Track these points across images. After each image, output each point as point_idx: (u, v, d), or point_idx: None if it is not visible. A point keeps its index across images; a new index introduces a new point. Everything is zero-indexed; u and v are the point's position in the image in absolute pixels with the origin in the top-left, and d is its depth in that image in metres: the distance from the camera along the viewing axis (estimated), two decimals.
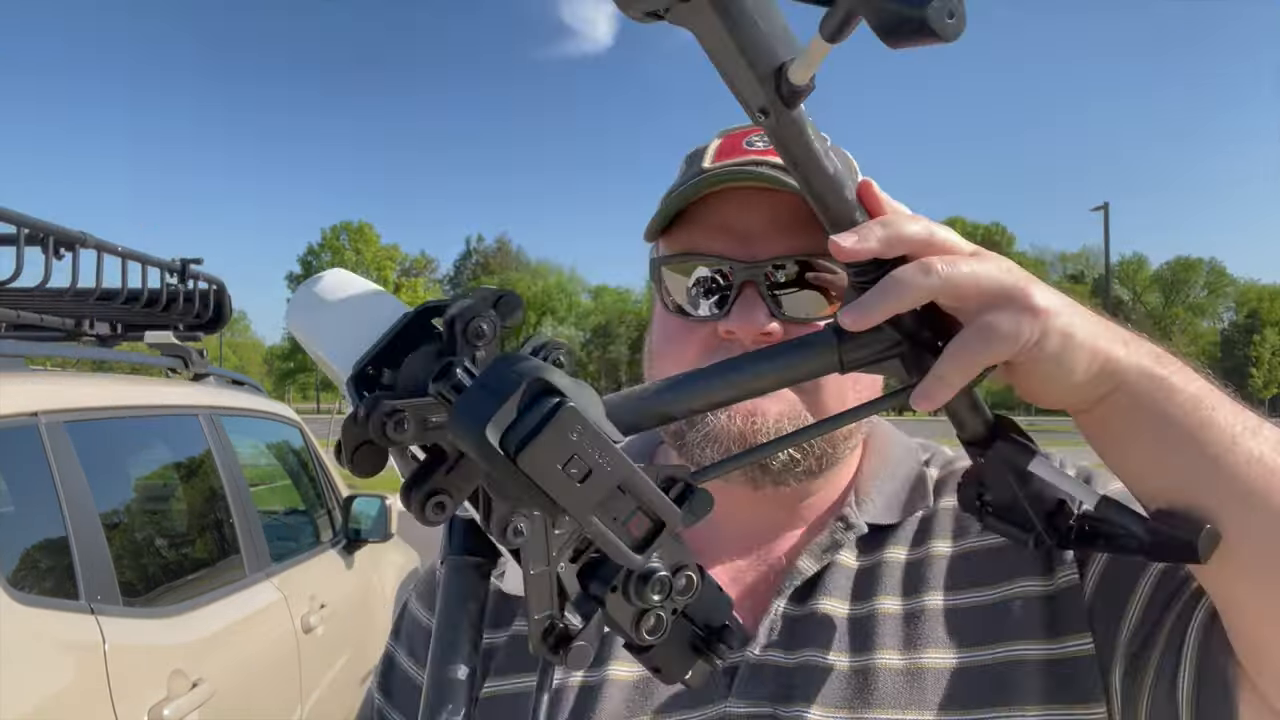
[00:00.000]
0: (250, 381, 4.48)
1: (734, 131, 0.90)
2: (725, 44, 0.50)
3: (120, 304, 3.31)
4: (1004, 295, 0.57)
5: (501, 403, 0.42)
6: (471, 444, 0.43)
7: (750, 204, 0.83)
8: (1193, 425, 0.61)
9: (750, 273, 0.82)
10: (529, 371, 0.44)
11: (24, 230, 2.72)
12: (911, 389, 0.61)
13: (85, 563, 2.48)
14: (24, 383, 2.60)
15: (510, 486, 0.43)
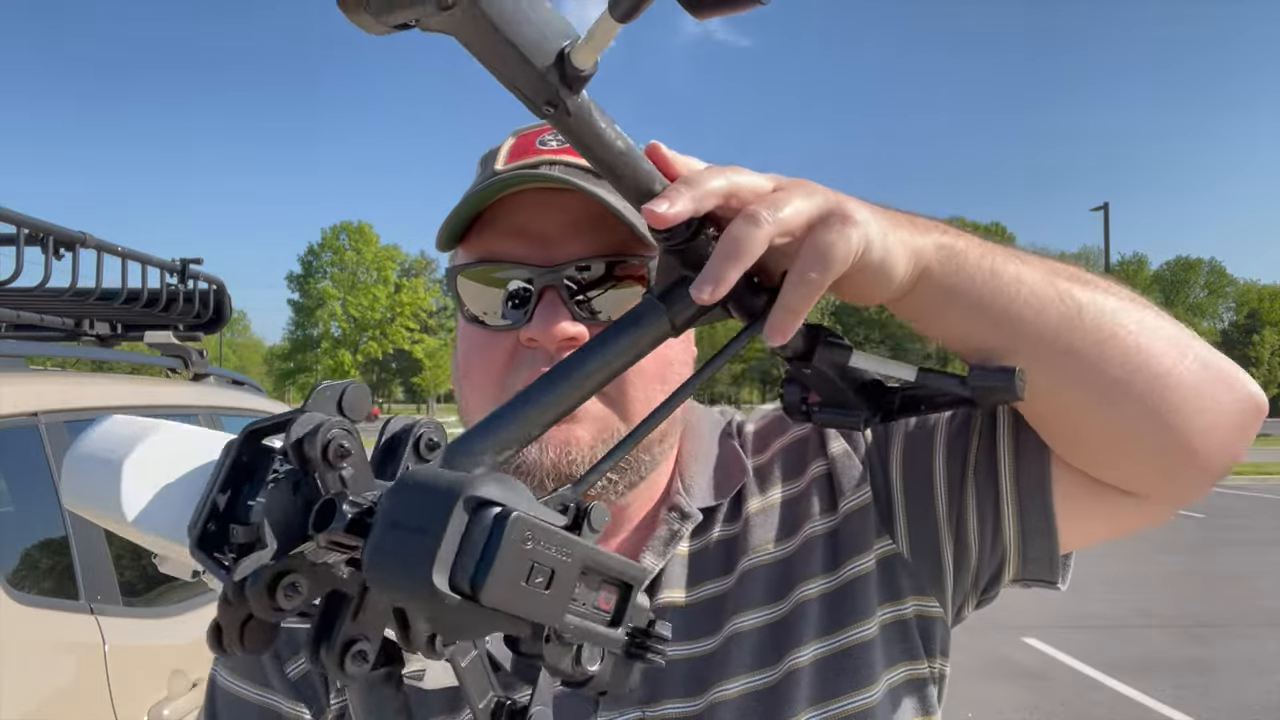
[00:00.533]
0: (250, 381, 4.48)
1: (528, 130, 0.86)
2: (498, 43, 0.47)
3: (120, 304, 3.31)
4: (825, 217, 0.60)
5: (436, 540, 0.37)
6: (416, 596, 0.37)
7: (546, 206, 0.80)
8: (985, 281, 0.68)
9: (550, 277, 0.79)
10: (455, 489, 0.38)
11: (24, 230, 2.72)
12: (750, 329, 0.62)
13: (85, 563, 2.48)
14: (24, 383, 2.60)
15: (469, 624, 0.39)
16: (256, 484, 0.45)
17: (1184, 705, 5.53)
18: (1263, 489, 18.26)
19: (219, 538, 0.44)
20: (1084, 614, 7.69)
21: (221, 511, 0.44)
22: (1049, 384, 0.70)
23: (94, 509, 0.48)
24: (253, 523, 0.44)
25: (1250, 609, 7.88)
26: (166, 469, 0.48)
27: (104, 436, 0.50)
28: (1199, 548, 11.10)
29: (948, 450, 0.84)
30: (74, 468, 0.50)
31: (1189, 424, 0.71)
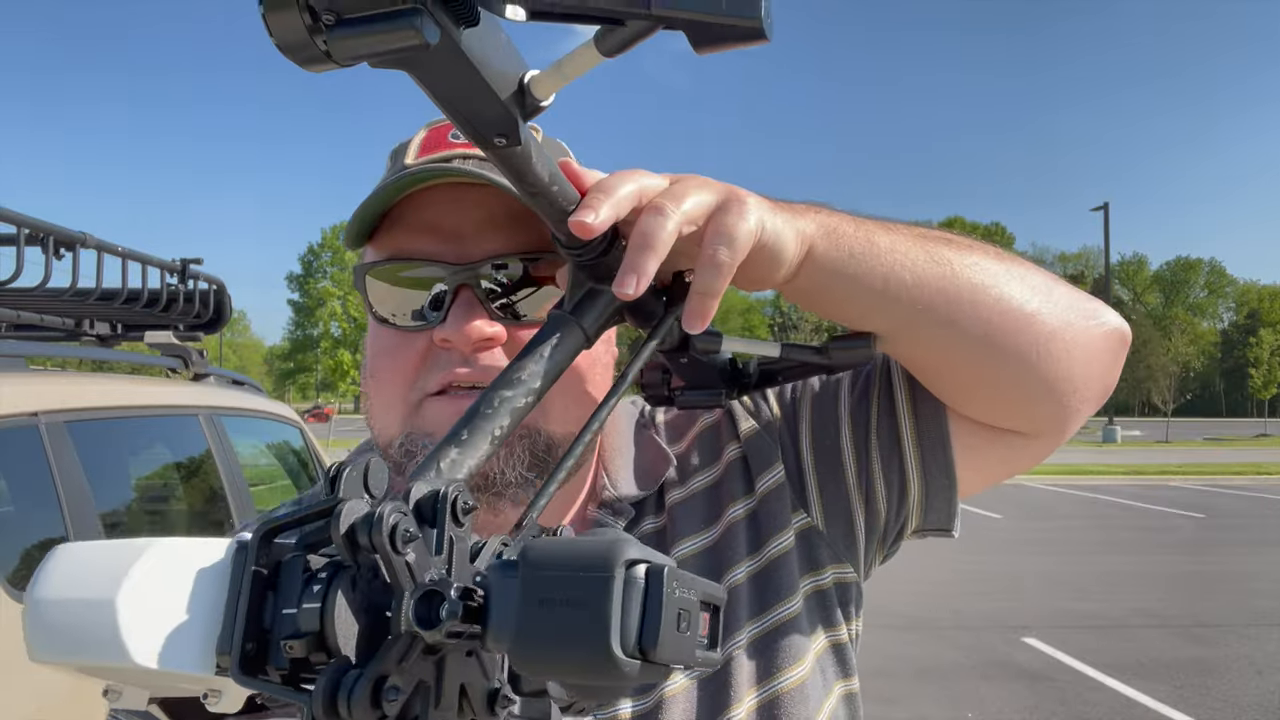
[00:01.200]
0: (250, 381, 4.48)
1: (439, 123, 0.83)
2: (468, 79, 0.45)
3: (120, 304, 3.31)
4: (724, 204, 0.64)
5: (604, 610, 0.37)
6: (592, 668, 0.37)
7: (460, 201, 0.78)
8: (864, 252, 0.72)
9: (464, 275, 0.76)
10: (607, 555, 0.38)
11: (24, 230, 2.72)
12: (662, 324, 0.66)
13: None
14: (24, 383, 2.60)
15: (624, 687, 0.40)
16: (289, 589, 0.41)
17: (1184, 705, 5.53)
18: (1263, 489, 18.25)
19: (259, 658, 0.40)
20: (1084, 614, 7.69)
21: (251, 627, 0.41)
22: (934, 341, 0.76)
23: (83, 658, 0.41)
24: (305, 631, 0.40)
25: (1250, 609, 7.88)
26: (164, 593, 0.41)
27: (70, 573, 0.42)
28: (1199, 548, 11.09)
29: (851, 420, 0.86)
30: (47, 617, 0.41)
31: (1063, 359, 0.76)
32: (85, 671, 0.43)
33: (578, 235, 0.59)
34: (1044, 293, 0.77)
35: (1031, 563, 10.01)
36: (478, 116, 0.48)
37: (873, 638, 6.86)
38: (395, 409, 0.78)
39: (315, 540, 0.42)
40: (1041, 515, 14.19)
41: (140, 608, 0.40)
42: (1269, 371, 51.47)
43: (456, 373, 0.76)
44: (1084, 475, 20.63)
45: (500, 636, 0.39)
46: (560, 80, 0.49)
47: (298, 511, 0.43)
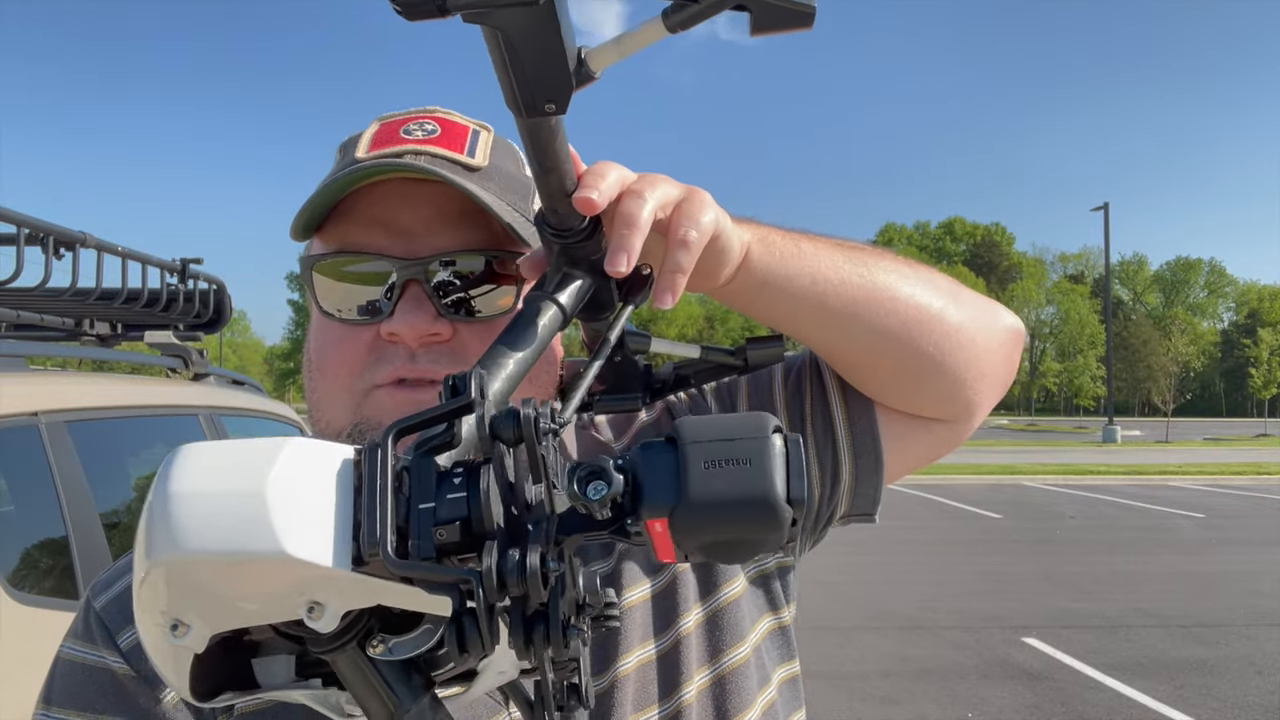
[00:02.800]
0: (250, 381, 4.48)
1: (392, 118, 0.83)
2: (548, 41, 0.48)
3: (120, 304, 3.31)
4: (689, 195, 0.70)
5: (766, 466, 0.44)
6: (762, 518, 0.44)
7: (411, 197, 0.78)
8: (793, 259, 0.78)
9: (412, 270, 0.76)
10: (760, 424, 0.45)
11: (24, 230, 2.72)
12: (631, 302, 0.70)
13: (85, 563, 2.48)
14: (24, 383, 2.60)
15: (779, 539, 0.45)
16: (423, 486, 0.43)
17: (1184, 705, 5.53)
18: (1263, 489, 18.24)
19: (400, 550, 0.42)
20: (1084, 614, 7.69)
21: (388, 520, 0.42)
22: (857, 338, 0.81)
23: (229, 548, 0.40)
24: (453, 519, 0.42)
25: (1250, 609, 7.88)
26: (304, 488, 0.42)
27: (207, 468, 0.43)
28: (1199, 548, 11.09)
29: (787, 410, 0.91)
30: (188, 509, 0.41)
31: (968, 351, 0.84)
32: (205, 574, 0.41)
33: (581, 211, 0.63)
34: (949, 294, 0.84)
35: (1031, 563, 10.01)
36: (539, 80, 0.50)
37: (873, 638, 6.87)
38: (342, 399, 0.78)
39: (436, 446, 0.45)
40: (1041, 515, 14.19)
41: (286, 500, 0.41)
42: (1269, 371, 51.50)
43: (403, 368, 0.76)
44: (1084, 475, 20.62)
45: (657, 503, 0.44)
46: (618, 54, 0.51)
47: (430, 411, 0.45)
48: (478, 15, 0.46)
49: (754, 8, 0.49)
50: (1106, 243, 40.09)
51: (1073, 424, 60.83)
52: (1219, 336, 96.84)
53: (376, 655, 0.45)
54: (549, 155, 0.58)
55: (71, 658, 0.79)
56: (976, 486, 18.25)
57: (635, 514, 0.45)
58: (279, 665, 0.48)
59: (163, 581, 0.42)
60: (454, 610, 0.42)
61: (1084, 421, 65.01)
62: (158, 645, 0.44)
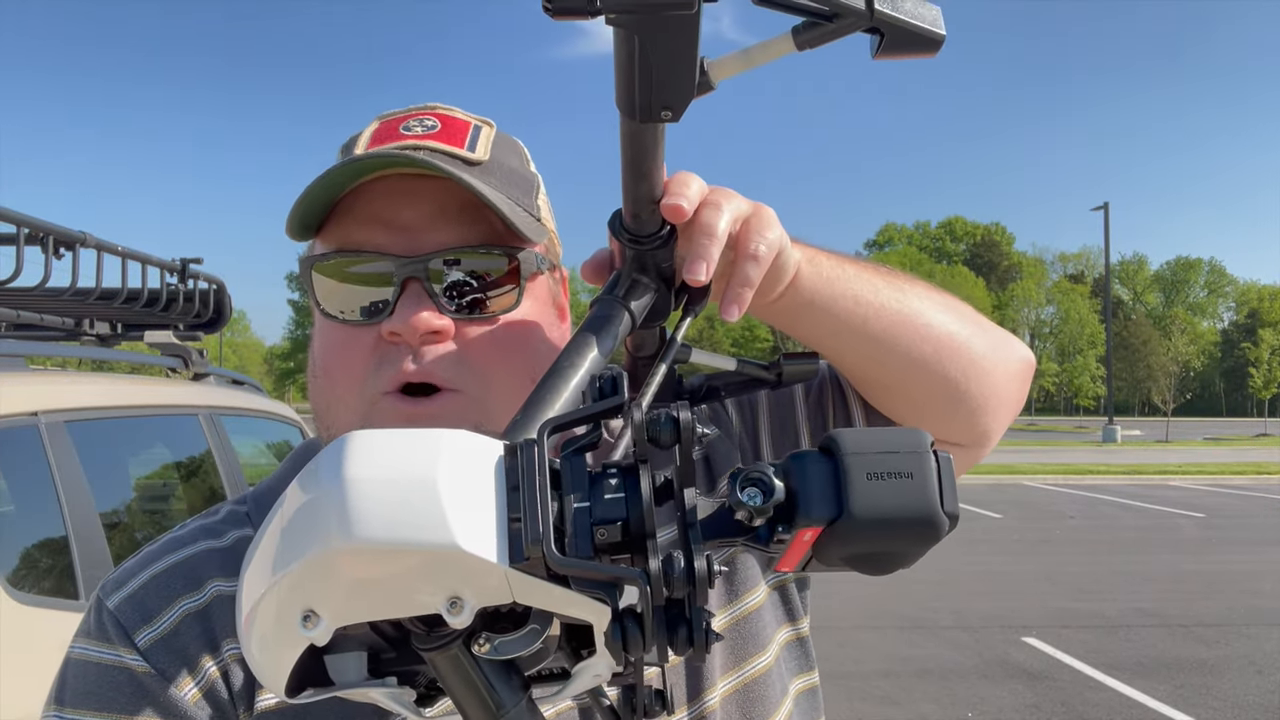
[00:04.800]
0: (250, 381, 4.48)
1: (392, 116, 0.82)
2: (687, 47, 0.48)
3: (120, 304, 3.31)
4: (757, 211, 0.72)
5: (927, 481, 0.45)
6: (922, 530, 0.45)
7: (411, 193, 0.76)
8: (837, 281, 0.79)
9: (413, 268, 0.74)
10: (919, 440, 0.46)
11: (24, 230, 2.72)
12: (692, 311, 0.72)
13: (85, 563, 2.48)
14: (24, 383, 2.60)
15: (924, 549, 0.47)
16: (576, 484, 0.44)
17: (1184, 705, 5.53)
18: (1263, 489, 18.24)
19: (560, 547, 0.42)
20: (1084, 614, 7.69)
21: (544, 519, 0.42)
22: (891, 361, 0.83)
23: (403, 541, 0.40)
24: (614, 519, 0.43)
25: (1250, 609, 7.88)
26: (466, 482, 0.42)
27: (379, 455, 0.42)
28: (1199, 548, 11.09)
29: (809, 424, 0.92)
30: (368, 496, 0.41)
31: (989, 379, 0.86)
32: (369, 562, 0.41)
33: (671, 219, 0.65)
34: (974, 323, 0.87)
35: (1031, 563, 10.01)
36: (663, 86, 0.50)
37: (873, 638, 6.87)
38: (349, 407, 0.77)
39: (585, 445, 0.46)
40: (1041, 515, 14.19)
41: (456, 492, 0.42)
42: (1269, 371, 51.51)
43: (405, 370, 0.74)
44: (1084, 475, 20.62)
45: (817, 513, 0.45)
46: (742, 66, 0.52)
47: (581, 411, 0.46)
48: (627, 19, 0.46)
49: (887, 31, 0.50)
50: (1106, 243, 40.11)
51: (1073, 424, 60.83)
52: (1219, 336, 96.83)
53: (482, 654, 0.45)
54: (647, 161, 0.59)
55: (85, 657, 0.77)
56: (976, 486, 18.24)
57: (790, 522, 0.45)
58: (352, 662, 0.48)
59: (320, 571, 0.41)
60: (612, 610, 0.43)
61: (1084, 421, 65.02)
62: (273, 639, 0.44)
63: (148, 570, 0.79)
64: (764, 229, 0.70)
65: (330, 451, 0.43)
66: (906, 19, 0.50)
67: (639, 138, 0.56)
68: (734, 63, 0.52)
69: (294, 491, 0.44)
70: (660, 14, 0.45)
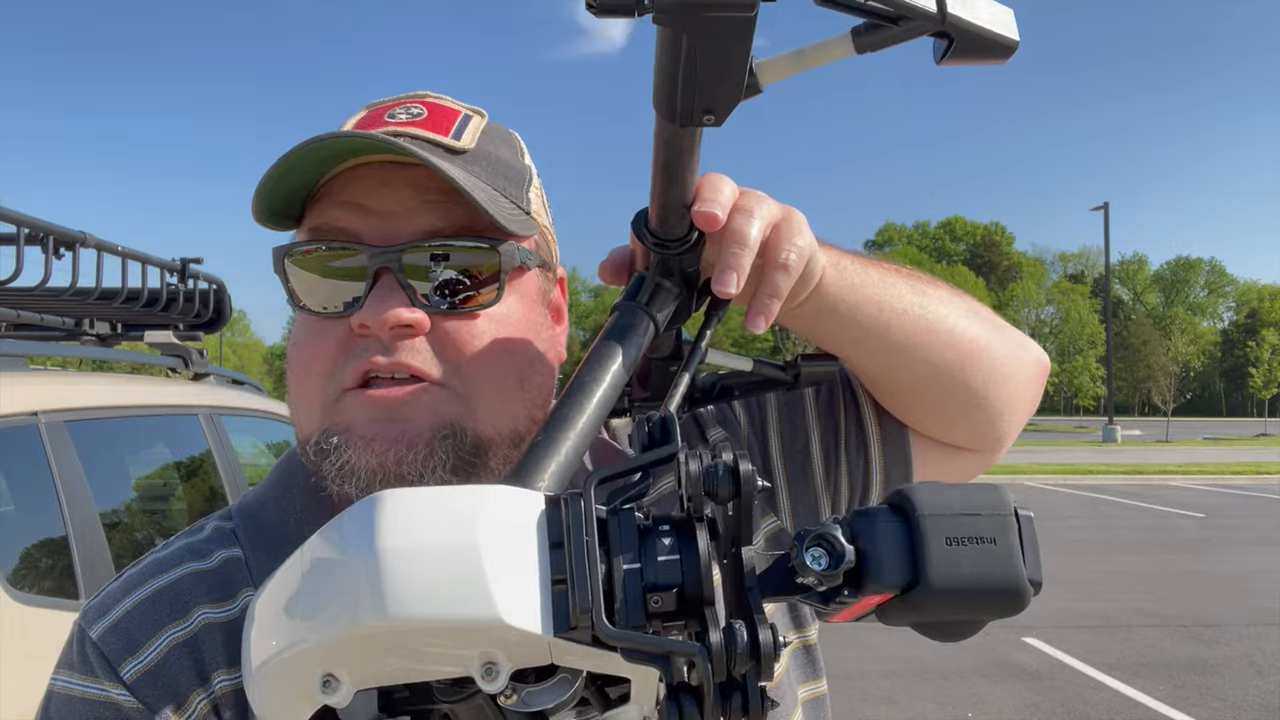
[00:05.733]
0: (250, 381, 4.48)
1: (380, 105, 0.79)
2: (739, 51, 0.44)
3: (120, 304, 3.31)
4: (788, 216, 0.70)
5: (1013, 547, 0.42)
6: (1007, 600, 0.41)
7: (388, 181, 0.72)
8: (861, 286, 0.77)
9: (386, 258, 0.70)
10: (1004, 501, 0.43)
11: (24, 230, 2.72)
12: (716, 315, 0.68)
13: (85, 563, 2.48)
14: (24, 382, 2.60)
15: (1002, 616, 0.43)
16: (625, 544, 0.40)
17: (1184, 705, 5.53)
18: (1263, 489, 18.23)
19: (608, 614, 0.39)
20: (1084, 614, 7.69)
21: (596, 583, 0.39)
22: (912, 366, 0.81)
23: (445, 619, 0.37)
24: (668, 586, 0.39)
25: (1250, 609, 7.88)
26: (510, 547, 0.39)
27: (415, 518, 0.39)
28: (1199, 548, 11.09)
29: (820, 428, 0.90)
30: (405, 568, 0.38)
31: (1007, 384, 0.85)
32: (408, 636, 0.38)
33: (703, 227, 0.62)
34: (993, 327, 0.85)
35: None
36: (708, 89, 0.47)
37: (873, 638, 6.86)
38: (313, 403, 0.73)
39: (632, 496, 0.43)
40: (1041, 515, 14.17)
41: (498, 560, 0.38)
42: (1269, 371, 51.50)
43: (374, 361, 0.70)
44: (1084, 475, 20.62)
45: (889, 580, 0.41)
46: (794, 68, 0.49)
47: (633, 462, 0.43)
48: (677, 19, 0.42)
49: (957, 36, 0.46)
50: (1106, 243, 40.10)
51: (1073, 424, 60.82)
52: (1219, 336, 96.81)
53: (509, 706, 0.42)
54: (681, 165, 0.56)
55: (69, 691, 0.74)
56: None
57: (858, 586, 0.42)
58: (361, 701, 0.44)
59: (352, 644, 0.39)
60: (668, 686, 0.39)
61: (1084, 421, 65.01)
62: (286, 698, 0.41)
63: (131, 597, 0.76)
64: (794, 235, 0.68)
65: (361, 512, 0.40)
66: (980, 24, 0.46)
67: (675, 141, 0.53)
68: (786, 64, 0.49)
69: (319, 548, 0.41)
70: (717, 14, 0.41)
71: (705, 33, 0.43)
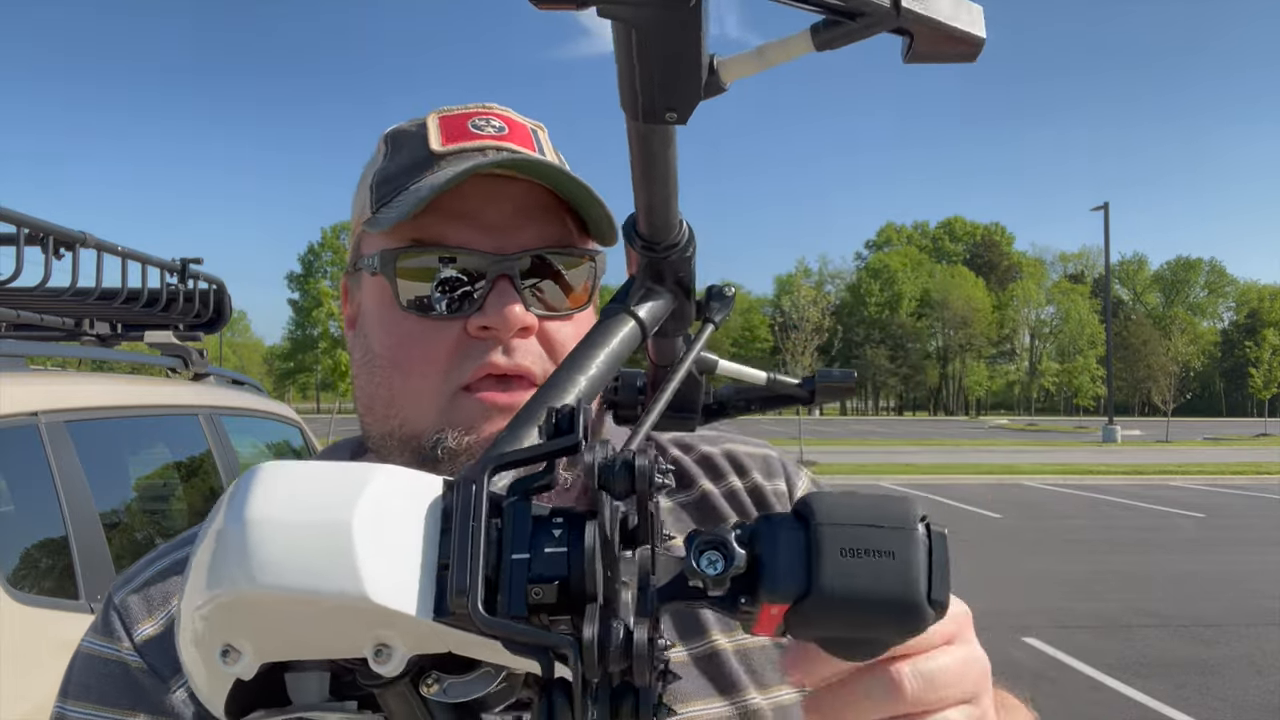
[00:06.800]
0: (250, 381, 4.48)
1: (452, 113, 0.83)
2: (691, 40, 0.44)
3: (120, 304, 3.31)
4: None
5: (911, 561, 0.39)
6: (902, 618, 0.39)
7: (497, 193, 0.79)
8: None
9: (503, 265, 0.77)
10: (908, 512, 0.41)
11: (24, 230, 2.72)
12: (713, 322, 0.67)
13: (85, 563, 2.48)
14: (24, 383, 2.60)
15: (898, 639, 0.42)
16: (517, 533, 0.39)
17: (1184, 705, 5.53)
18: (1263, 489, 18.24)
19: (488, 602, 0.38)
20: (1084, 614, 7.69)
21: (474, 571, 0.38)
22: None
23: (305, 589, 0.37)
24: (551, 578, 0.38)
25: (1250, 609, 7.88)
26: (390, 525, 0.39)
27: (289, 492, 0.39)
28: (1199, 548, 11.09)
29: None
30: (268, 539, 0.38)
31: None
32: (278, 609, 0.38)
33: None
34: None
35: (1031, 563, 10.01)
36: (666, 86, 0.47)
37: None
38: (428, 400, 0.77)
39: (533, 486, 0.41)
40: (1041, 515, 14.19)
41: (373, 538, 0.38)
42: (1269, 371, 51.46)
43: (494, 361, 0.76)
44: (1084, 475, 20.62)
45: (783, 590, 0.40)
46: (756, 66, 0.48)
47: (534, 450, 0.41)
48: (620, 10, 0.41)
49: (916, 33, 0.45)
50: (1106, 243, 40.11)
51: (1073, 424, 60.80)
52: (1219, 336, 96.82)
53: (430, 695, 0.42)
54: (656, 164, 0.55)
55: (89, 651, 0.79)
56: (976, 486, 18.24)
57: (753, 595, 0.40)
58: (312, 682, 0.44)
59: (226, 612, 0.39)
60: (544, 680, 0.39)
61: (1084, 421, 64.99)
62: (201, 668, 0.42)
63: (155, 565, 0.81)
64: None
65: (243, 483, 0.40)
66: (938, 18, 0.44)
67: (648, 141, 0.53)
68: (747, 62, 0.48)
69: (212, 516, 0.41)
70: (655, 5, 0.40)
71: (650, 26, 0.42)
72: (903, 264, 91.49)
